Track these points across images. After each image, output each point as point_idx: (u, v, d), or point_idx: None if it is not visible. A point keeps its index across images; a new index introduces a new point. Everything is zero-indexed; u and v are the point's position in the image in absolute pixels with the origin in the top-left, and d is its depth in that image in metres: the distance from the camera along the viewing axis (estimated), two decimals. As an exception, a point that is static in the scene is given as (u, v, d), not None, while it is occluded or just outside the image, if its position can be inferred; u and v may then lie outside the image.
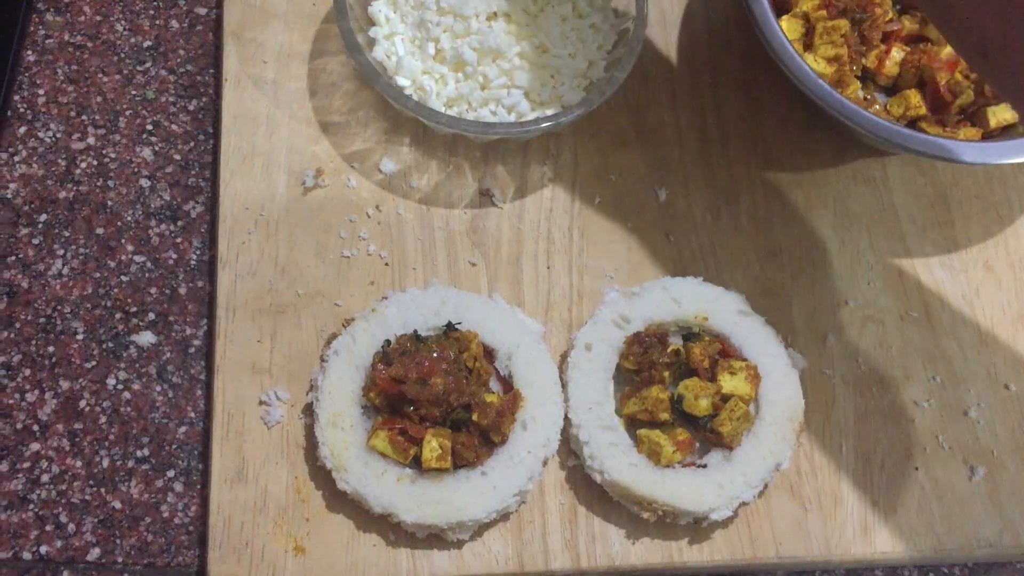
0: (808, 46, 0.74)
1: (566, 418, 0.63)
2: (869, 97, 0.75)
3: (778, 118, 0.77)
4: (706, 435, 0.63)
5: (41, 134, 0.72)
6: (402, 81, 0.68)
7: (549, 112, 0.68)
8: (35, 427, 0.63)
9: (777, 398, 0.64)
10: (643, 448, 0.62)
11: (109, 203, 0.70)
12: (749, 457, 0.62)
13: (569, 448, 0.64)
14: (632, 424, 0.64)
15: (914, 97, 0.74)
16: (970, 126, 0.73)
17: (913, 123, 0.73)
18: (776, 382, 0.64)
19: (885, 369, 0.69)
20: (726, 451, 0.62)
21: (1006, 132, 0.73)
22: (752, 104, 0.77)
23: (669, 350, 0.64)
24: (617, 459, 0.61)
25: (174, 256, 0.69)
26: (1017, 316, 0.72)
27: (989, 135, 0.73)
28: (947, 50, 0.74)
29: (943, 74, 0.73)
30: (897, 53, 0.75)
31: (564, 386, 0.64)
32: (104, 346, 0.66)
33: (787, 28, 0.73)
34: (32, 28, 0.75)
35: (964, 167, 0.76)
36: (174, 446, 0.64)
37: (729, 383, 0.63)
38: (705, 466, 0.62)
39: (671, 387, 0.64)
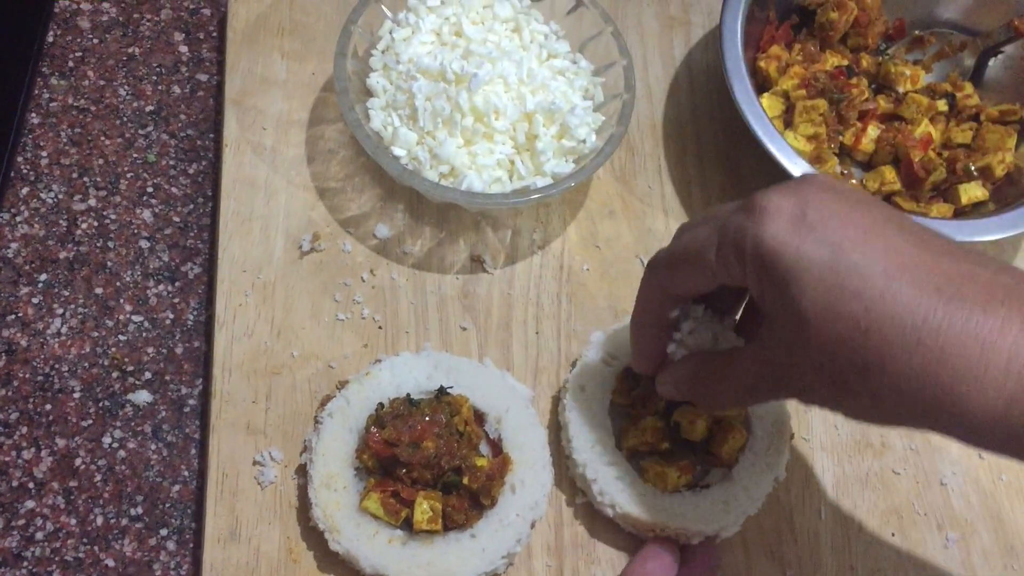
0: (788, 123, 0.77)
1: (571, 458, 0.65)
2: (846, 172, 0.78)
3: (759, 190, 0.79)
4: (705, 457, 0.65)
5: (43, 195, 0.73)
6: (398, 151, 0.70)
7: (540, 184, 0.70)
8: (31, 485, 0.64)
9: (765, 412, 0.66)
10: (648, 478, 0.64)
11: (108, 263, 0.72)
12: (748, 472, 0.64)
13: (576, 486, 0.66)
14: (633, 456, 0.65)
15: (889, 173, 0.77)
16: (942, 202, 0.76)
17: (888, 198, 0.76)
18: None
19: (862, 437, 0.71)
20: (726, 469, 0.65)
21: (976, 209, 0.76)
22: (734, 177, 0.80)
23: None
24: (626, 491, 0.63)
25: (171, 316, 0.71)
26: (988, 385, 0.74)
27: (960, 211, 0.76)
28: (921, 129, 0.77)
29: (917, 152, 0.76)
30: (873, 131, 0.78)
31: (563, 428, 0.66)
32: (100, 405, 0.67)
33: (767, 106, 0.76)
34: (37, 91, 0.77)
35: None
36: (168, 505, 0.65)
37: None
38: (708, 486, 0.65)
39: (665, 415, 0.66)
